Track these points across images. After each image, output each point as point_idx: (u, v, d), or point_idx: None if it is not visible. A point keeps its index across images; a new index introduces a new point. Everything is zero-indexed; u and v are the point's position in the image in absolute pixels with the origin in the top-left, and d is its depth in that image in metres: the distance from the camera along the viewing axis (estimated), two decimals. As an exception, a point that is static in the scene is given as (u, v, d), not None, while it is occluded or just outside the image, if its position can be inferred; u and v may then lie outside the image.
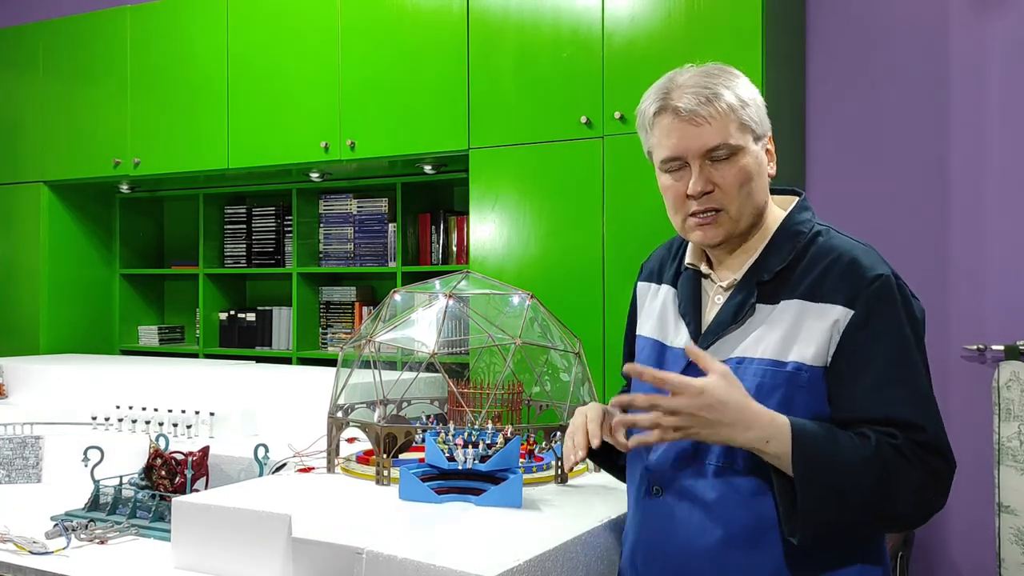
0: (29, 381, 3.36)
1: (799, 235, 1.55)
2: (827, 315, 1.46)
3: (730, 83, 1.54)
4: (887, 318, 1.45)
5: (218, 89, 4.16)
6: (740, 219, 1.55)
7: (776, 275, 1.52)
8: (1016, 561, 3.13)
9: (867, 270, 1.47)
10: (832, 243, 1.53)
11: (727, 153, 1.52)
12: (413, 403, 2.37)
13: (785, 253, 1.53)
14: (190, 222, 4.94)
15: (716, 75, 1.55)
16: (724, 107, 1.51)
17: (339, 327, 4.46)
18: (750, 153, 1.53)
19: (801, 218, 1.58)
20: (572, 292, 3.37)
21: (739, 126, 1.52)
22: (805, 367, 1.46)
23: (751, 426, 1.39)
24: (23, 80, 4.74)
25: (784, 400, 1.46)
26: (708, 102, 1.51)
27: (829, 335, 1.46)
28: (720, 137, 1.52)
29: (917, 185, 3.44)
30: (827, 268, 1.49)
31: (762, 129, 1.55)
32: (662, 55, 3.18)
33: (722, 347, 1.53)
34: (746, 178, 1.53)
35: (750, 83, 1.57)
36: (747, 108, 1.53)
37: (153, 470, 2.10)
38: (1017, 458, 3.15)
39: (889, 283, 1.47)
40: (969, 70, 3.36)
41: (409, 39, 3.71)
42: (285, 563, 1.57)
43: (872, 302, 1.45)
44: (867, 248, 1.53)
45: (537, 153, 3.44)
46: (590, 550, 1.65)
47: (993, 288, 3.32)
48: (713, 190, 1.53)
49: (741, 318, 1.52)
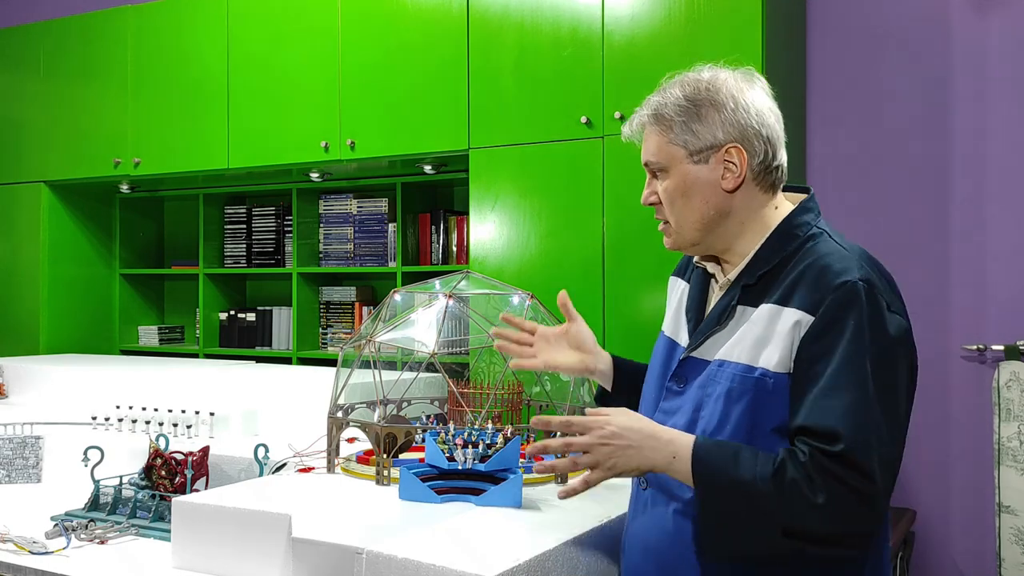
0: (29, 381, 3.36)
1: (792, 238, 1.53)
2: (789, 320, 1.44)
3: (668, 98, 1.55)
4: (843, 326, 1.40)
5: (218, 89, 4.16)
6: (681, 231, 1.57)
7: (760, 279, 1.51)
8: (1016, 561, 3.13)
9: (834, 276, 1.43)
10: (818, 248, 1.50)
11: (656, 169, 1.58)
12: (413, 403, 2.37)
13: (772, 257, 1.52)
14: (190, 222, 4.94)
15: (664, 89, 1.58)
16: (648, 127, 1.57)
17: (339, 327, 4.46)
18: (679, 172, 1.54)
19: (799, 220, 1.55)
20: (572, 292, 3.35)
21: (665, 144, 1.55)
22: (770, 373, 1.45)
23: (658, 446, 1.44)
24: (24, 80, 4.74)
25: (751, 406, 1.45)
26: (638, 117, 1.59)
27: (791, 341, 1.44)
28: (647, 154, 1.59)
29: (917, 185, 3.44)
30: (802, 273, 1.47)
31: (703, 144, 1.53)
32: (662, 55, 3.18)
33: (709, 348, 1.54)
34: (676, 195, 1.55)
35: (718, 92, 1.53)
36: (674, 127, 1.54)
37: (153, 470, 2.10)
38: (1017, 458, 3.15)
39: (854, 290, 1.41)
40: (970, 70, 3.36)
41: (409, 39, 3.71)
42: (285, 563, 1.57)
43: (833, 310, 1.41)
44: (849, 254, 1.48)
45: (537, 153, 3.44)
46: (590, 550, 1.65)
47: (993, 288, 3.32)
48: (658, 202, 1.59)
49: (724, 320, 1.53)
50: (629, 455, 1.44)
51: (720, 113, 1.52)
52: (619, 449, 1.44)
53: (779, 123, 1.57)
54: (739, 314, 1.52)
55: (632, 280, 3.28)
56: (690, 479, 1.42)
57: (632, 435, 1.44)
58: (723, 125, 1.52)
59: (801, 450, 1.38)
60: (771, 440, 1.45)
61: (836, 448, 1.35)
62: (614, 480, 1.94)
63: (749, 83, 1.57)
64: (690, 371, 1.55)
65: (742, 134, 1.53)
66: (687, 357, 1.56)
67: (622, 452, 1.44)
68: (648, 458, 1.44)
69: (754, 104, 1.54)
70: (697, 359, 1.55)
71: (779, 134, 1.56)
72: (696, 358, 1.55)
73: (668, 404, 1.58)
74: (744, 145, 1.53)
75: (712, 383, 1.50)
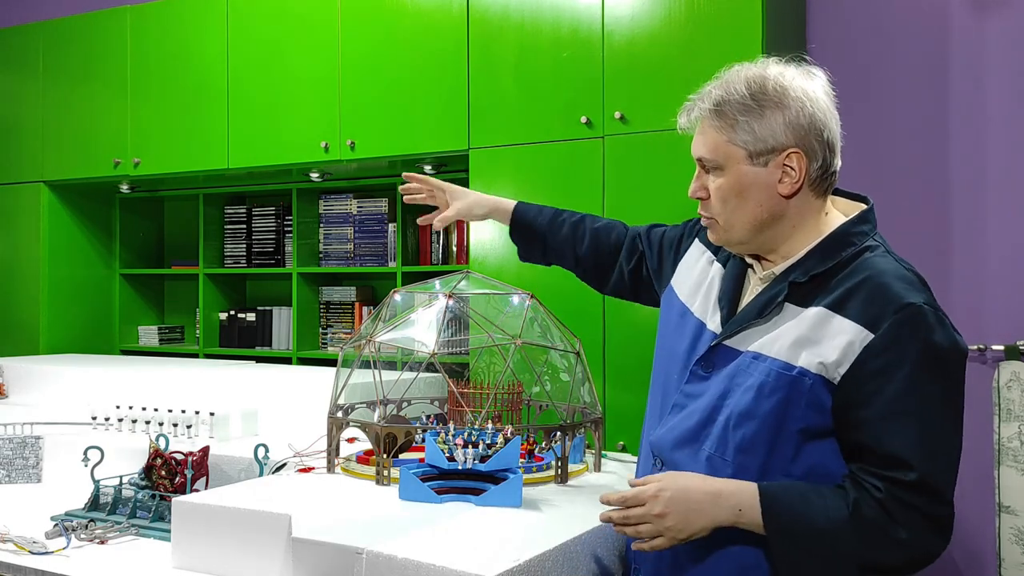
0: (29, 381, 3.36)
1: (849, 245, 1.50)
2: (845, 331, 1.42)
3: (732, 94, 1.49)
4: (906, 348, 1.39)
5: (218, 89, 4.16)
6: (731, 231, 1.54)
7: (811, 278, 1.49)
8: (1016, 561, 3.13)
9: (897, 296, 1.42)
10: (876, 261, 1.48)
11: (710, 167, 1.53)
12: (413, 403, 2.37)
13: (828, 259, 1.49)
14: (190, 222, 4.94)
15: (727, 82, 1.51)
16: (707, 121, 1.51)
17: (339, 327, 4.46)
18: (735, 172, 1.50)
19: (858, 229, 1.53)
20: (572, 292, 3.36)
21: (724, 143, 1.50)
22: (810, 374, 1.43)
23: (720, 502, 1.42)
24: (23, 80, 4.74)
25: (782, 404, 1.44)
26: (698, 109, 1.53)
27: (843, 352, 1.41)
28: (703, 150, 1.53)
29: (917, 185, 3.43)
30: (860, 284, 1.45)
31: (763, 146, 1.48)
32: (662, 55, 3.18)
33: (744, 339, 1.52)
34: (729, 195, 1.51)
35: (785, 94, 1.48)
36: (738, 126, 1.48)
37: (153, 470, 2.10)
38: (1017, 458, 3.15)
39: (918, 312, 1.40)
40: (970, 70, 3.36)
41: (409, 39, 3.71)
42: (285, 563, 1.57)
43: (894, 329, 1.40)
44: (910, 274, 1.47)
45: (537, 153, 3.44)
46: (590, 550, 1.65)
47: (993, 288, 3.32)
48: (707, 197, 1.55)
49: (767, 314, 1.50)
50: (691, 519, 1.42)
51: (785, 115, 1.48)
52: (681, 516, 1.42)
53: (838, 126, 1.54)
54: (784, 310, 1.49)
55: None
56: (761, 529, 1.41)
57: (693, 496, 1.42)
58: (786, 128, 1.48)
59: (875, 485, 1.37)
60: (795, 441, 1.44)
61: (910, 477, 1.35)
62: (614, 481, 1.94)
63: (813, 83, 1.52)
64: (720, 359, 1.54)
65: (804, 138, 1.49)
66: (718, 344, 1.54)
67: (684, 517, 1.42)
68: (712, 517, 1.42)
69: (819, 107, 1.50)
70: (729, 348, 1.53)
71: (838, 138, 1.53)
72: (728, 347, 1.53)
73: (692, 388, 1.56)
74: (805, 150, 1.49)
75: (743, 374, 1.49)
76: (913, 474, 1.35)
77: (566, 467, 1.99)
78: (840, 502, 1.38)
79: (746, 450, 1.46)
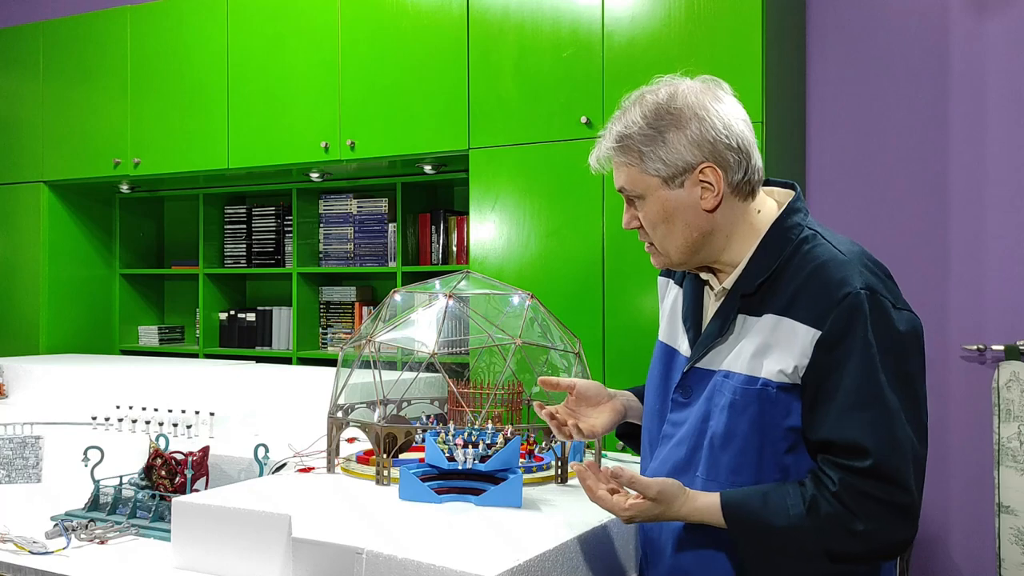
0: (29, 381, 3.36)
1: (786, 242, 1.49)
2: (797, 333, 1.42)
3: (630, 125, 1.49)
4: (854, 338, 1.39)
5: (218, 89, 4.16)
6: (668, 254, 1.54)
7: (759, 287, 1.48)
8: (1016, 561, 3.13)
9: (837, 286, 1.41)
10: (816, 252, 1.46)
11: (633, 196, 1.54)
12: (413, 403, 2.37)
13: (769, 264, 1.48)
14: (190, 222, 4.94)
15: (624, 113, 1.52)
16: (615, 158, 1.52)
17: (339, 327, 4.46)
18: (656, 199, 1.50)
19: (790, 222, 1.51)
20: (572, 292, 3.37)
21: (637, 174, 1.50)
22: (772, 383, 1.44)
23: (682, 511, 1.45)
24: (23, 80, 4.74)
25: (757, 417, 1.45)
26: (602, 149, 1.54)
27: (799, 355, 1.42)
28: (620, 181, 1.54)
29: (917, 185, 3.44)
30: (804, 282, 1.44)
31: (675, 169, 1.47)
32: (662, 55, 3.18)
33: (714, 358, 1.52)
34: (657, 221, 1.51)
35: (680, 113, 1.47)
36: (645, 156, 1.48)
37: (153, 470, 2.09)
38: (1017, 458, 3.15)
39: (858, 300, 1.39)
40: (969, 70, 3.36)
41: (409, 39, 3.71)
42: (285, 563, 1.57)
43: (840, 322, 1.39)
44: (847, 258, 1.45)
45: (537, 153, 3.44)
46: (590, 550, 1.65)
47: (993, 288, 3.32)
48: (640, 226, 1.55)
49: (726, 331, 1.51)
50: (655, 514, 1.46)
51: (686, 134, 1.46)
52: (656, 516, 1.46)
53: (748, 126, 1.50)
54: (740, 324, 1.50)
55: (632, 280, 3.28)
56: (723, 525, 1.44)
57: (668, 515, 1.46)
58: (691, 146, 1.46)
59: (831, 478, 1.37)
60: (782, 451, 1.45)
61: (865, 464, 1.35)
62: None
63: (709, 92, 1.50)
64: (695, 382, 1.54)
65: (713, 150, 1.46)
66: (692, 368, 1.55)
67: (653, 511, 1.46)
68: (677, 516, 1.46)
69: (719, 115, 1.47)
70: (702, 370, 1.53)
71: (750, 139, 1.50)
72: (701, 369, 1.53)
73: (675, 416, 1.57)
74: (717, 162, 1.47)
75: (719, 394, 1.49)
76: (868, 461, 1.35)
77: (566, 467, 1.99)
78: (798, 500, 1.39)
79: (736, 470, 1.46)
